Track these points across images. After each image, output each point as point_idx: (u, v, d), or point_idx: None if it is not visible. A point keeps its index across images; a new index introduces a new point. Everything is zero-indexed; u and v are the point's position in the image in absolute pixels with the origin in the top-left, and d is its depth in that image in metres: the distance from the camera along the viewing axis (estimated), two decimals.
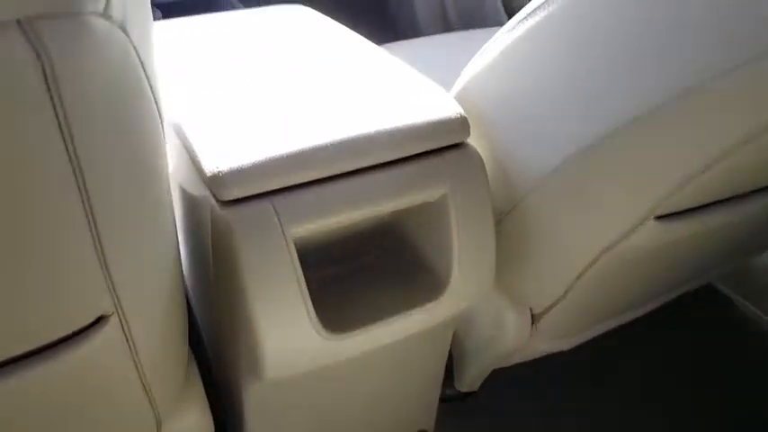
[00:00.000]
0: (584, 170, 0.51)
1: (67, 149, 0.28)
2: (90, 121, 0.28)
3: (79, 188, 0.30)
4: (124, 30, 0.28)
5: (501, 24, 1.70)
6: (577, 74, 0.48)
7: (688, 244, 0.59)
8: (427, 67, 1.04)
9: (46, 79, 0.25)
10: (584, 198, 0.54)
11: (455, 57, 1.06)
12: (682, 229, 0.54)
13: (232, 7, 1.16)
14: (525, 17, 0.52)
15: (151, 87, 0.33)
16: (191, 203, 0.57)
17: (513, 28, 0.53)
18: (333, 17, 1.77)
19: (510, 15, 1.57)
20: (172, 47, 0.71)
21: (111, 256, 0.36)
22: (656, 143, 0.46)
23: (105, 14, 0.26)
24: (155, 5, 1.02)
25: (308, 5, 1.72)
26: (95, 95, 0.28)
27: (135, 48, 0.29)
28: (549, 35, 0.49)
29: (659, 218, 0.53)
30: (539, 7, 0.50)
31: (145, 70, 0.31)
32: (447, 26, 1.73)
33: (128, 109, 0.31)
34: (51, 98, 0.26)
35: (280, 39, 0.72)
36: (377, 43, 1.24)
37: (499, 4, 1.60)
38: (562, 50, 0.49)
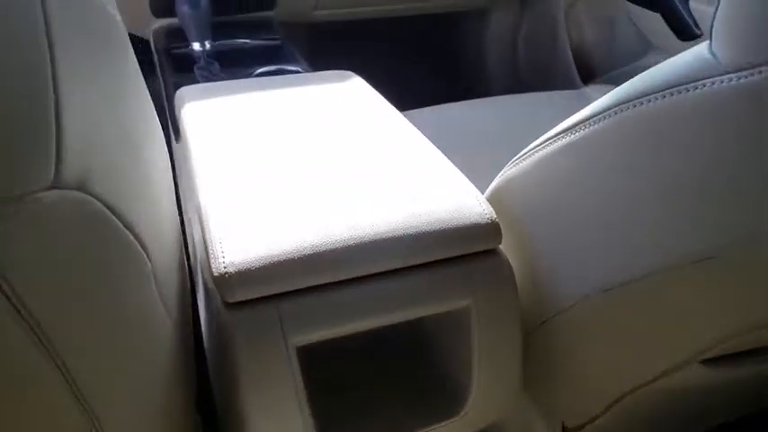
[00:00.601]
0: (622, 305, 0.46)
1: (24, 318, 0.26)
2: (46, 287, 0.26)
3: (48, 351, 0.28)
4: (84, 188, 0.26)
5: (572, 83, 1.64)
6: (618, 204, 0.43)
7: (743, 384, 0.52)
8: (477, 132, 1.00)
9: None
10: (620, 332, 0.49)
11: (510, 124, 1.02)
12: (731, 373, 0.48)
13: (295, 60, 1.16)
14: (567, 129, 0.47)
15: (129, 226, 0.31)
16: (206, 288, 0.56)
17: (554, 138, 0.49)
18: (404, 65, 1.75)
19: (581, 72, 1.52)
20: (214, 112, 0.71)
21: (89, 396, 0.34)
22: (700, 295, 0.40)
23: (56, 184, 0.24)
24: (211, 56, 1.03)
25: (389, 57, 1.71)
26: (49, 265, 0.26)
27: (101, 199, 0.27)
28: (592, 156, 0.45)
29: (705, 361, 0.47)
30: (581, 122, 0.45)
31: (119, 215, 0.29)
32: (518, 80, 1.69)
33: (95, 260, 0.29)
34: None
35: (318, 112, 0.70)
36: (444, 97, 1.21)
37: (571, 62, 1.55)
38: (605, 175, 0.44)
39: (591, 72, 1.52)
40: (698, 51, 0.36)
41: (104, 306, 0.31)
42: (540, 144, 0.52)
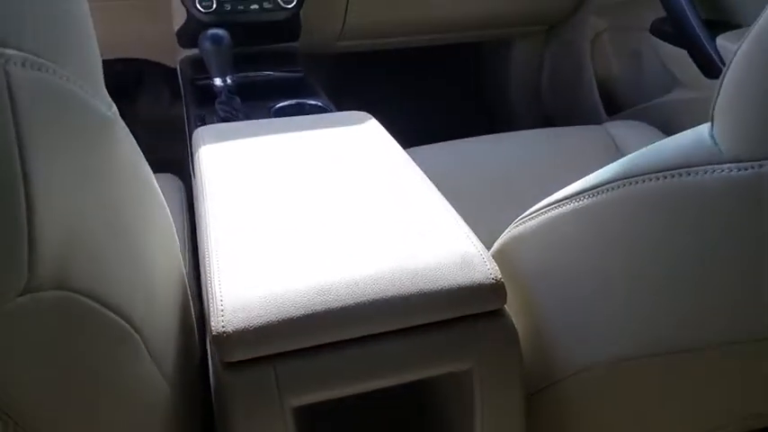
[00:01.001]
0: (627, 380, 0.45)
1: (10, 417, 0.26)
2: (28, 384, 0.26)
3: None
4: (63, 285, 0.25)
5: (597, 116, 1.61)
6: (618, 279, 0.42)
7: None
8: (495, 170, 0.99)
9: None
10: (624, 407, 0.47)
11: (529, 162, 1.01)
12: None
13: (315, 93, 1.17)
14: (572, 196, 0.46)
15: (115, 309, 0.30)
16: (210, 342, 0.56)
17: (560, 202, 0.48)
18: (427, 97, 1.74)
19: (605, 105, 1.50)
20: (226, 157, 0.71)
21: None
22: (707, 380, 0.39)
23: (29, 289, 0.24)
24: (232, 90, 1.04)
25: (412, 88, 1.70)
26: (29, 363, 0.25)
27: (83, 291, 0.27)
28: (594, 227, 0.44)
29: None
30: (585, 191, 0.44)
31: (103, 301, 0.29)
32: (541, 112, 1.67)
33: (79, 349, 0.29)
34: None
35: (328, 159, 0.70)
36: (467, 128, 1.20)
37: (596, 94, 1.53)
38: (606, 247, 0.43)
39: (616, 105, 1.50)
40: (699, 133, 0.35)
41: (92, 391, 0.31)
42: (547, 206, 0.51)
